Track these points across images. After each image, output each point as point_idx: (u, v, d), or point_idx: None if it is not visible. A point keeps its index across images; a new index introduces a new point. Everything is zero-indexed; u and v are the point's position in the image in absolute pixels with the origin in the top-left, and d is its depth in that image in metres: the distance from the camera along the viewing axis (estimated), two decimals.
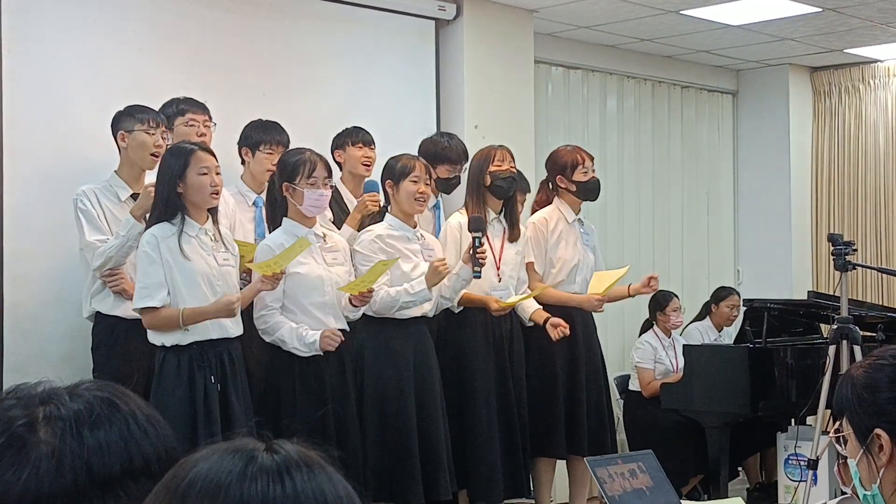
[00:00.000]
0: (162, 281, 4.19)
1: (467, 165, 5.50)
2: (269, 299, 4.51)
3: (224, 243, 4.39)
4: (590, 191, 5.59)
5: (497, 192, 5.27)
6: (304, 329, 4.51)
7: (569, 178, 5.55)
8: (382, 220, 4.98)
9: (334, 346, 4.49)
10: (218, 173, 4.30)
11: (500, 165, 5.25)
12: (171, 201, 4.22)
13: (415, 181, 4.92)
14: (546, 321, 5.33)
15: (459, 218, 5.25)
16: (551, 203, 5.64)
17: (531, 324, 5.42)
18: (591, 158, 5.64)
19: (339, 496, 1.03)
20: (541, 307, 5.43)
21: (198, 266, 4.24)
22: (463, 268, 4.96)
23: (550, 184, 5.65)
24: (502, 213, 5.35)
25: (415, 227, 5.01)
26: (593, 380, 5.60)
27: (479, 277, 4.97)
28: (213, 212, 4.37)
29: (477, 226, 4.95)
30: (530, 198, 5.89)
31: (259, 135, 4.99)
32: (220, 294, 4.27)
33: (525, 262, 5.49)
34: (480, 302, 5.20)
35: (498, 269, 5.28)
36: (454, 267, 5.01)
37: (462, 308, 5.23)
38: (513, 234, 5.36)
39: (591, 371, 5.59)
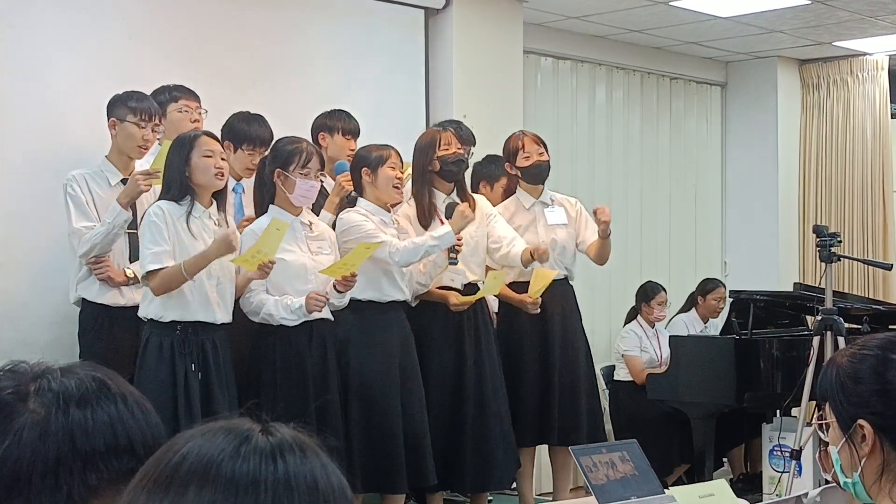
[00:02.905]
0: (170, 249, 4.23)
1: (473, 149, 5.50)
2: (252, 283, 4.52)
3: (227, 228, 4.42)
4: (532, 175, 5.50)
5: (448, 176, 5.14)
6: (289, 298, 4.50)
7: (513, 164, 5.53)
8: (354, 205, 4.90)
9: (320, 306, 4.47)
10: (223, 158, 4.37)
11: (447, 149, 5.11)
12: (182, 186, 4.28)
13: (392, 167, 4.86)
14: (532, 254, 5.18)
15: (408, 210, 5.12)
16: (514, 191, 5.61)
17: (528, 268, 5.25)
18: (538, 142, 5.52)
19: (330, 483, 1.03)
20: (527, 246, 5.25)
21: (200, 247, 4.28)
22: (439, 255, 4.92)
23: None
24: (453, 195, 5.20)
25: (390, 212, 4.97)
26: (568, 365, 5.48)
27: (456, 264, 4.94)
28: (219, 198, 4.41)
29: (452, 212, 4.92)
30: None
31: (243, 131, 4.93)
32: (215, 275, 4.32)
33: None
34: (440, 297, 5.12)
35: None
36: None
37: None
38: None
39: (567, 356, 5.49)
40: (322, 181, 4.73)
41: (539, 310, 5.33)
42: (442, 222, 5.04)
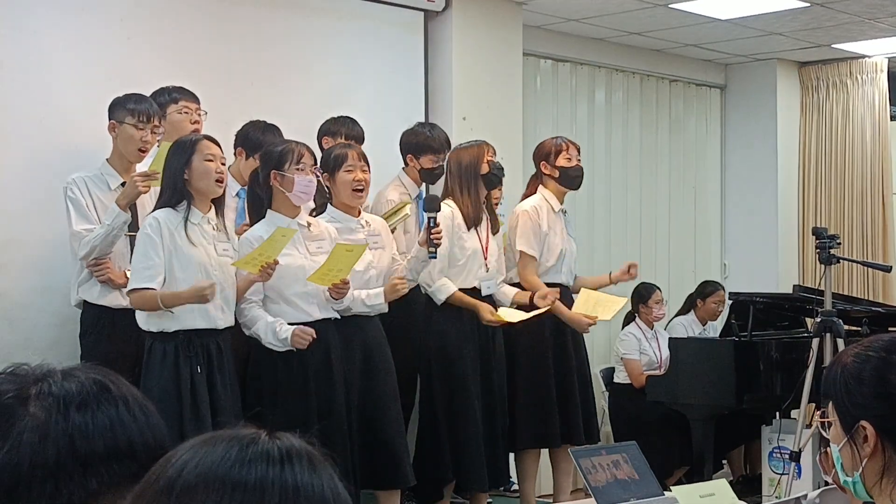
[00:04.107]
0: (162, 266, 4.19)
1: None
2: (247, 292, 4.49)
3: (227, 234, 4.41)
4: (573, 178, 5.58)
5: (492, 182, 5.30)
6: (279, 324, 4.44)
7: (552, 163, 5.55)
8: (324, 212, 4.86)
9: (305, 344, 4.40)
10: (223, 163, 4.34)
11: (492, 158, 5.27)
12: (177, 189, 4.25)
13: (349, 170, 4.77)
14: (532, 297, 5.33)
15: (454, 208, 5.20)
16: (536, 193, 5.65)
17: (515, 306, 5.40)
18: (577, 148, 5.65)
19: (338, 493, 1.03)
20: (518, 290, 5.44)
21: (197, 254, 4.25)
22: (420, 250, 4.89)
23: (538, 174, 5.66)
24: (484, 205, 5.33)
25: (358, 216, 4.89)
26: (581, 369, 5.63)
27: (435, 258, 4.90)
28: (217, 204, 4.39)
29: (432, 205, 4.88)
30: (506, 191, 5.89)
31: (259, 140, 4.91)
32: (218, 282, 4.28)
33: (515, 250, 5.49)
34: (472, 306, 5.17)
35: (486, 259, 5.28)
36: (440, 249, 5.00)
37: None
38: (494, 227, 5.39)
39: (579, 360, 5.63)
40: (318, 176, 4.71)
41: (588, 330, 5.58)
42: (490, 222, 5.29)
